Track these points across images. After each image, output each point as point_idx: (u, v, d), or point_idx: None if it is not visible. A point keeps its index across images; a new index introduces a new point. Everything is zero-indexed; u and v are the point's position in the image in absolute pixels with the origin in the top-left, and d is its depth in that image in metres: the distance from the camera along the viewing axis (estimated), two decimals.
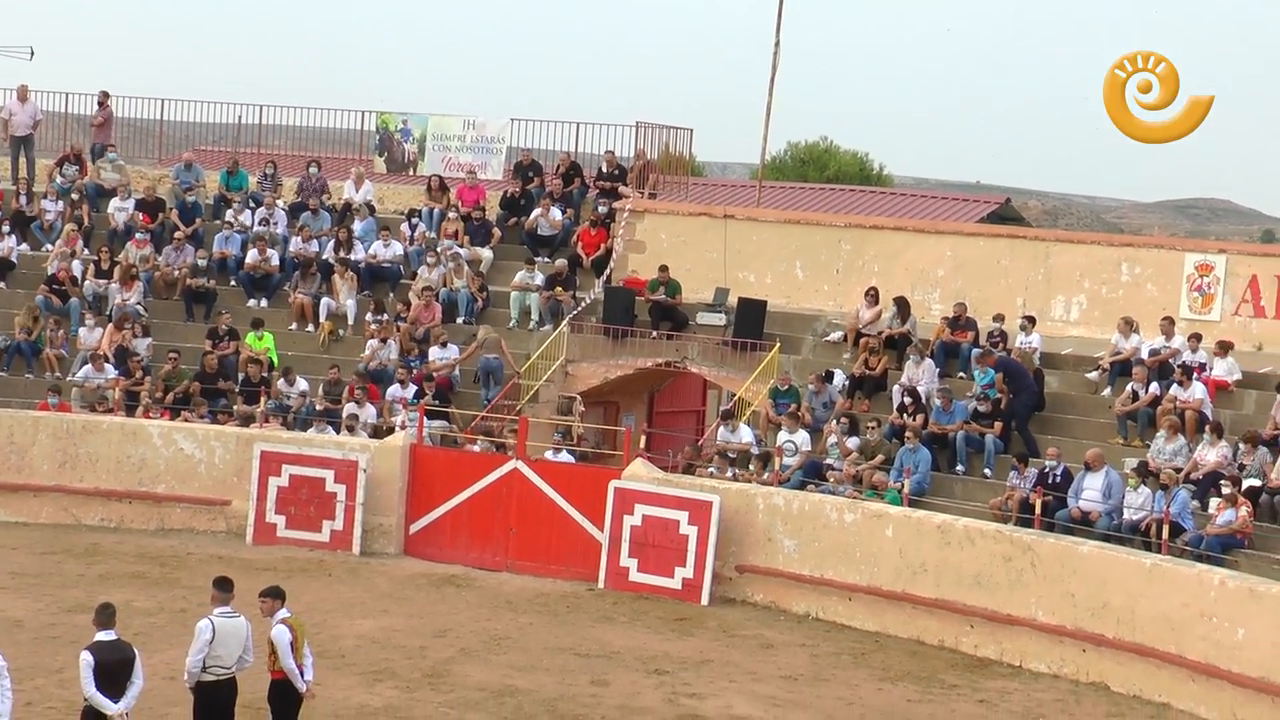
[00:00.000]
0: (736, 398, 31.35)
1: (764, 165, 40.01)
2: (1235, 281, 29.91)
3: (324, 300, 33.89)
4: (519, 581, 27.71)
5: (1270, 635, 21.34)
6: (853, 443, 27.97)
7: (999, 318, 29.90)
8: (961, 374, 29.62)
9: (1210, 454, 25.60)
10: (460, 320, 33.61)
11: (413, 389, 31.00)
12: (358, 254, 34.82)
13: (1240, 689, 21.65)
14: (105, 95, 38.97)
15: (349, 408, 30.53)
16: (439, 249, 34.57)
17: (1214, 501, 24.81)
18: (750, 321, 32.02)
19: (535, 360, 32.35)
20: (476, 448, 29.60)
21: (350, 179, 37.13)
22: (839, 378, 30.08)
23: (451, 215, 35.71)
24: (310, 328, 33.85)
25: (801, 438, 28.28)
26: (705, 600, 26.73)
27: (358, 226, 35.54)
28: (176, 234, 35.32)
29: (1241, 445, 25.67)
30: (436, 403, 30.94)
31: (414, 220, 35.92)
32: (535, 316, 33.56)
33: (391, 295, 34.20)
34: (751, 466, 28.31)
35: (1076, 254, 31.82)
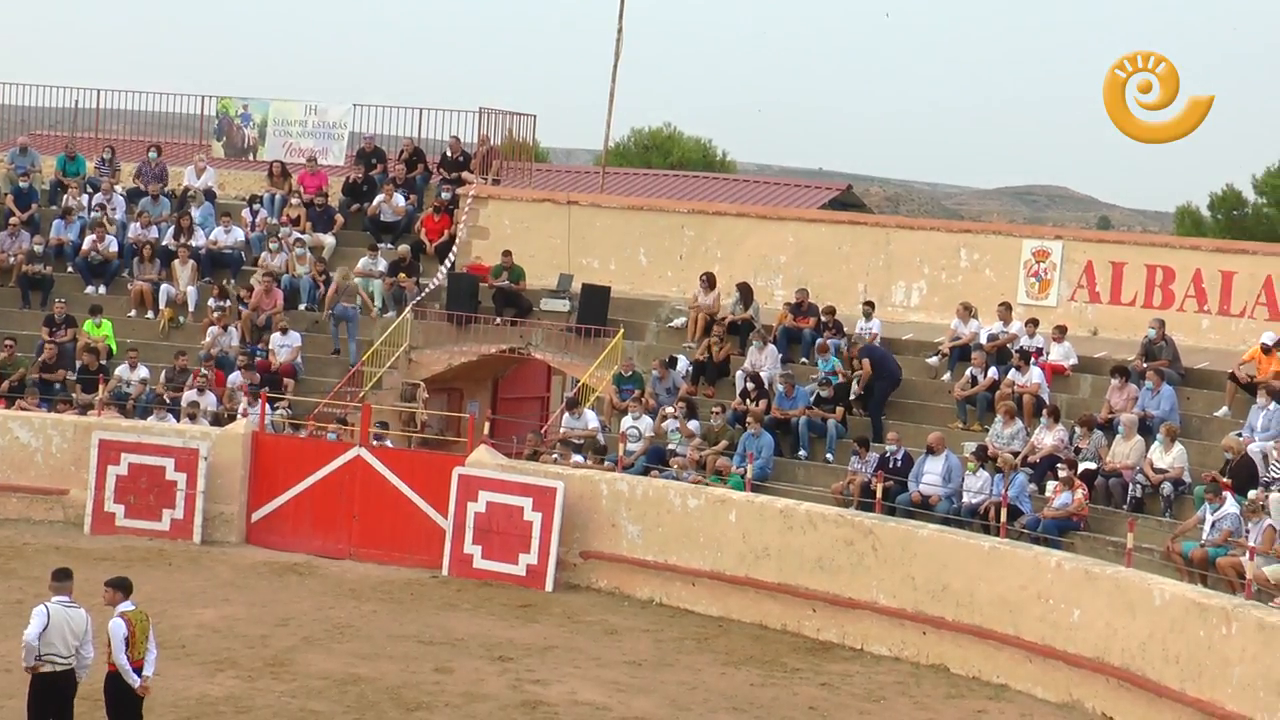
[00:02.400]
0: (580, 384, 31.39)
1: (607, 151, 40.00)
2: (1071, 267, 30.37)
3: (164, 287, 33.51)
4: (362, 569, 27.56)
5: (1105, 616, 21.69)
6: (693, 426, 28.10)
7: (830, 310, 30.08)
8: (804, 359, 29.84)
9: (1047, 438, 25.98)
10: (303, 307, 33.39)
11: (255, 376, 30.73)
12: (198, 240, 34.44)
13: (1076, 669, 21.99)
14: None
15: (189, 395, 30.21)
16: (281, 235, 34.28)
17: (1051, 485, 25.18)
18: (594, 308, 32.06)
19: (378, 347, 32.17)
20: (332, 436, 29.38)
21: (191, 165, 36.72)
22: (682, 363, 30.20)
23: (293, 201, 35.44)
24: (150, 314, 33.45)
25: (645, 424, 28.36)
26: (549, 587, 26.72)
27: (197, 212, 35.16)
28: (11, 220, 34.77)
29: (1077, 429, 26.07)
30: (274, 389, 30.71)
31: (255, 206, 35.61)
32: (378, 303, 33.38)
33: (233, 281, 33.87)
34: (601, 452, 28.34)
35: (916, 240, 32.16)
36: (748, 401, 28.50)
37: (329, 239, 34.95)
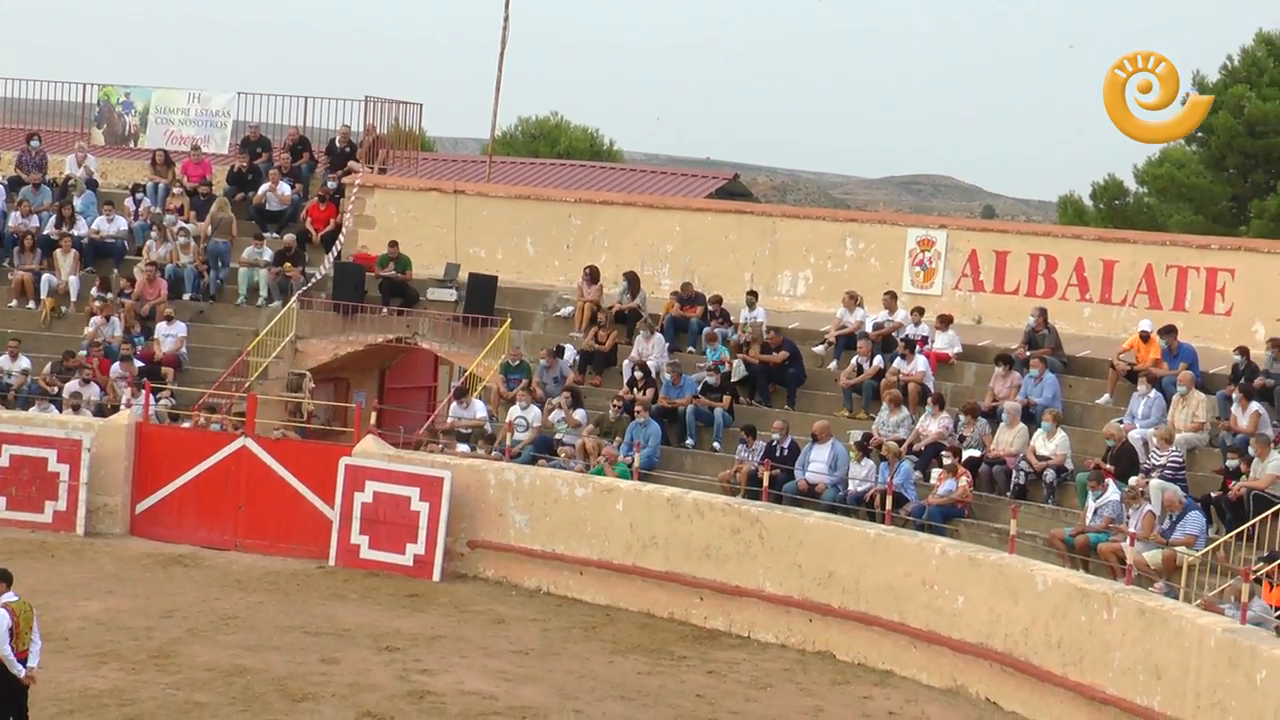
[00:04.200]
0: (468, 373, 31.32)
1: (494, 140, 39.91)
2: (956, 256, 30.61)
3: (45, 276, 33.13)
4: (248, 560, 27.39)
5: (988, 602, 21.91)
6: (579, 415, 28.11)
7: (717, 299, 30.20)
8: (691, 348, 29.91)
9: (932, 425, 26.19)
10: (186, 296, 33.12)
11: (138, 366, 30.45)
12: (80, 229, 34.08)
13: (960, 655, 22.20)
14: None
15: (71, 385, 29.90)
16: (164, 224, 33.98)
17: (935, 472, 25.39)
18: (481, 297, 31.98)
19: (264, 337, 31.96)
20: (216, 426, 29.17)
21: (72, 154, 36.32)
22: (570, 353, 30.20)
23: (177, 190, 35.12)
24: (31, 305, 33.07)
25: (533, 413, 28.33)
26: (437, 576, 26.66)
27: (79, 201, 34.79)
28: None
29: (962, 417, 26.28)
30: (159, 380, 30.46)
31: (138, 195, 35.28)
32: (264, 292, 33.16)
33: (116, 271, 33.55)
34: (490, 439, 28.31)
35: (802, 229, 32.30)
36: (635, 390, 28.54)
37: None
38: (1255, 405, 24.26)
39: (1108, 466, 23.75)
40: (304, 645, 22.50)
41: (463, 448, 28.37)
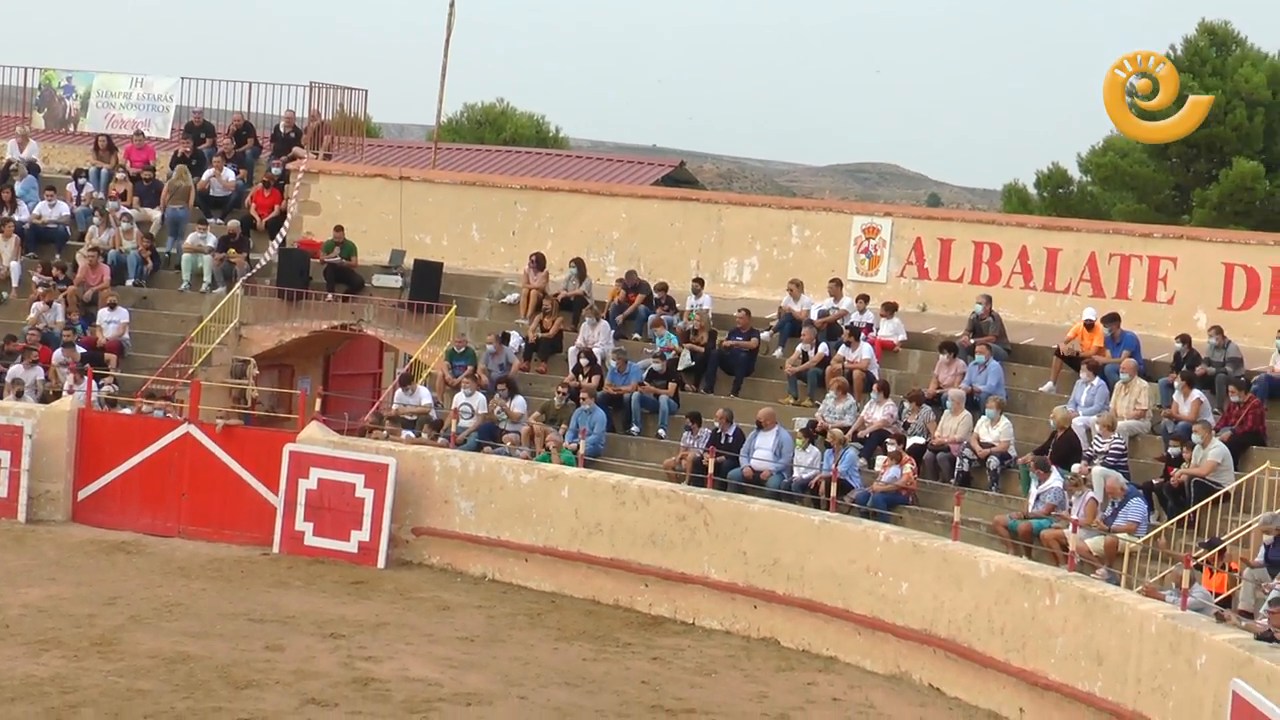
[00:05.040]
0: (413, 360, 31.26)
1: (439, 127, 39.85)
2: (900, 244, 30.70)
3: None
4: (191, 547, 27.28)
5: (932, 588, 21.99)
6: (518, 405, 28.09)
7: (663, 286, 30.21)
8: (636, 335, 29.92)
9: (876, 413, 26.27)
10: (130, 283, 32.96)
11: (80, 352, 30.28)
12: (21, 214, 33.87)
13: (904, 641, 22.28)
14: None
15: (13, 371, 29.71)
16: (107, 210, 33.80)
17: (880, 459, 25.46)
18: (426, 283, 31.92)
19: (208, 323, 31.83)
20: (159, 413, 29.03)
21: (13, 138, 36.08)
22: (515, 339, 30.17)
23: (119, 176, 34.95)
24: None
25: (478, 400, 28.30)
26: (382, 563, 26.61)
27: (20, 186, 34.57)
28: None
29: (906, 404, 26.37)
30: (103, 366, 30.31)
31: (81, 180, 35.10)
32: (208, 278, 33.02)
33: (58, 257, 33.36)
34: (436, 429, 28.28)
35: (748, 216, 32.35)
36: (580, 377, 28.53)
37: (156, 214, 34.49)
38: (1197, 393, 24.44)
39: (1036, 459, 23.87)
40: (248, 632, 22.42)
41: (407, 434, 28.32)
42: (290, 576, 25.79)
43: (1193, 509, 22.49)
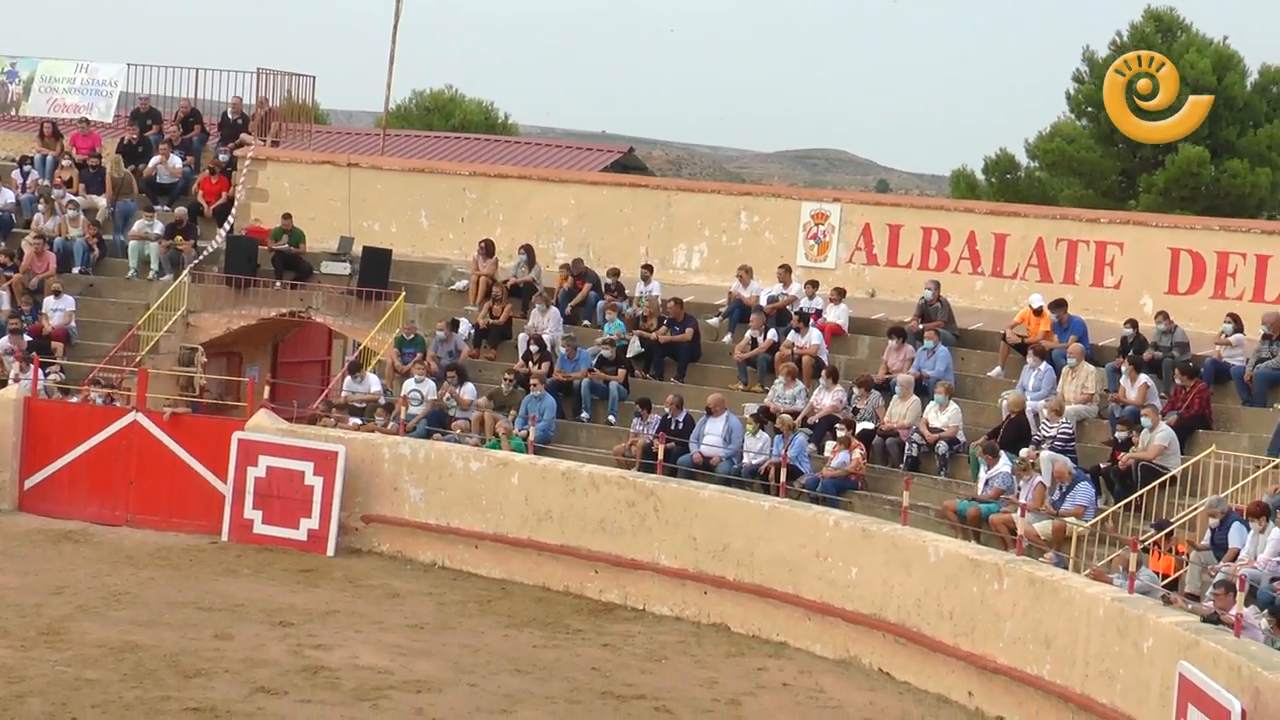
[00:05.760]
0: (362, 347, 31.18)
1: (388, 113, 39.75)
2: (849, 230, 30.75)
3: None
4: (139, 536, 27.15)
5: (881, 573, 22.04)
6: (468, 392, 28.05)
7: (614, 272, 30.22)
8: (586, 322, 29.91)
9: (825, 398, 26.32)
10: (76, 270, 32.78)
11: (26, 340, 30.10)
12: None
13: (853, 626, 22.33)
14: None
15: None
16: (53, 197, 33.61)
17: (829, 445, 25.52)
18: (375, 270, 31.86)
19: (155, 311, 31.68)
20: (100, 401, 28.89)
21: None
22: (465, 326, 30.13)
23: (65, 163, 34.75)
24: None
25: (428, 387, 28.25)
26: (331, 551, 26.55)
27: None
28: None
29: (855, 389, 26.43)
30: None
31: (26, 168, 34.89)
32: (155, 266, 32.87)
33: (3, 244, 33.17)
34: (379, 417, 28.21)
35: (697, 203, 32.38)
36: (530, 364, 28.51)
37: (102, 201, 34.31)
38: (1144, 377, 24.57)
39: (985, 444, 23.96)
40: (196, 621, 22.34)
41: (355, 422, 28.25)
42: (239, 565, 25.70)
43: (1139, 493, 22.64)
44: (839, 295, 28.79)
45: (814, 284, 29.13)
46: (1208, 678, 16.14)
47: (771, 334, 28.10)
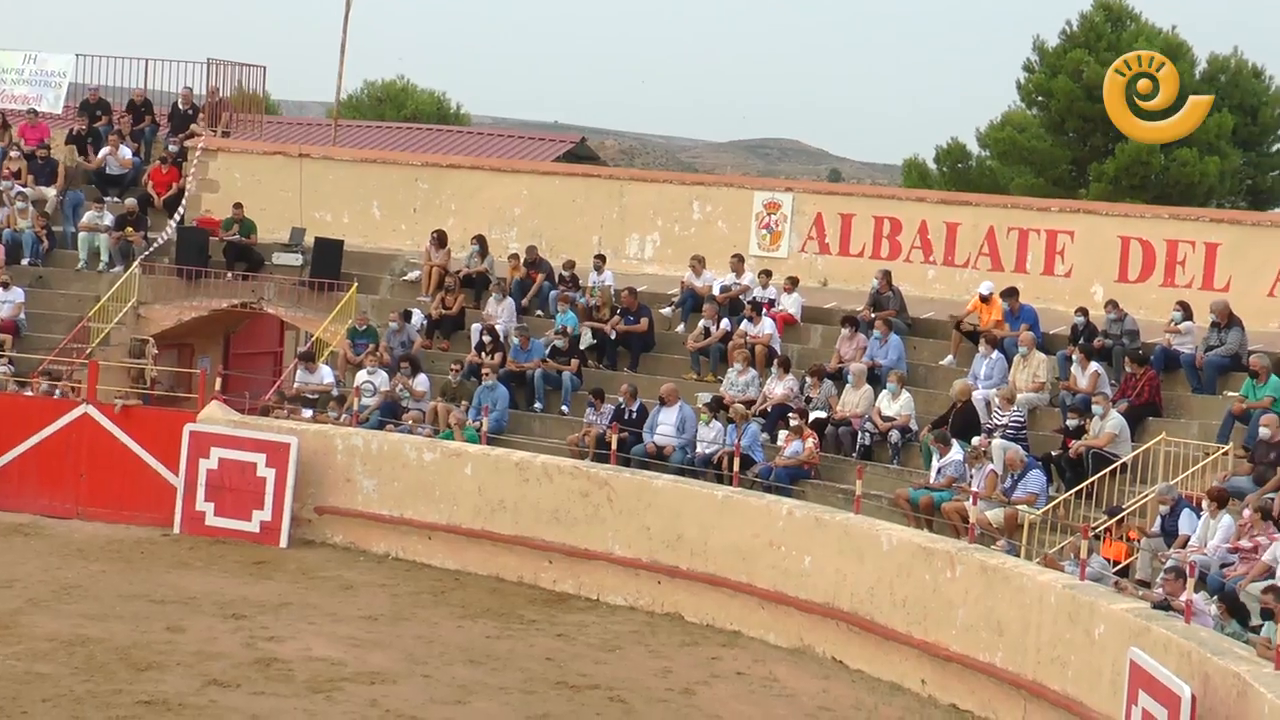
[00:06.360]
0: (314, 338, 31.10)
1: (339, 104, 39.63)
2: (801, 219, 30.79)
3: None
4: (90, 529, 27.03)
5: (834, 562, 22.09)
6: (421, 383, 28.02)
7: (569, 264, 30.21)
8: (539, 312, 29.90)
9: (777, 388, 26.35)
10: (25, 262, 32.58)
11: None
12: None
13: (807, 615, 22.38)
14: None
15: None
16: (1, 189, 33.41)
17: (782, 434, 25.56)
18: (327, 261, 31.76)
19: (106, 302, 31.53)
20: (57, 393, 28.75)
21: None
22: (417, 317, 30.07)
23: (13, 154, 34.53)
24: None
25: (380, 378, 28.20)
26: (284, 543, 26.48)
27: None
28: None
29: (808, 379, 26.47)
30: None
31: None
32: (105, 257, 32.70)
33: None
34: (331, 409, 28.15)
35: (650, 193, 32.37)
36: (483, 354, 28.48)
37: (52, 192, 34.13)
38: (1094, 365, 24.68)
39: (937, 433, 24.03)
40: (148, 614, 22.26)
41: (308, 413, 28.18)
42: (191, 557, 25.62)
43: (1091, 480, 22.76)
44: (792, 284, 28.83)
45: (767, 273, 29.16)
46: (1158, 664, 16.24)
47: (725, 323, 28.12)
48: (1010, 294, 26.74)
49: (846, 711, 20.20)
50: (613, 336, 28.62)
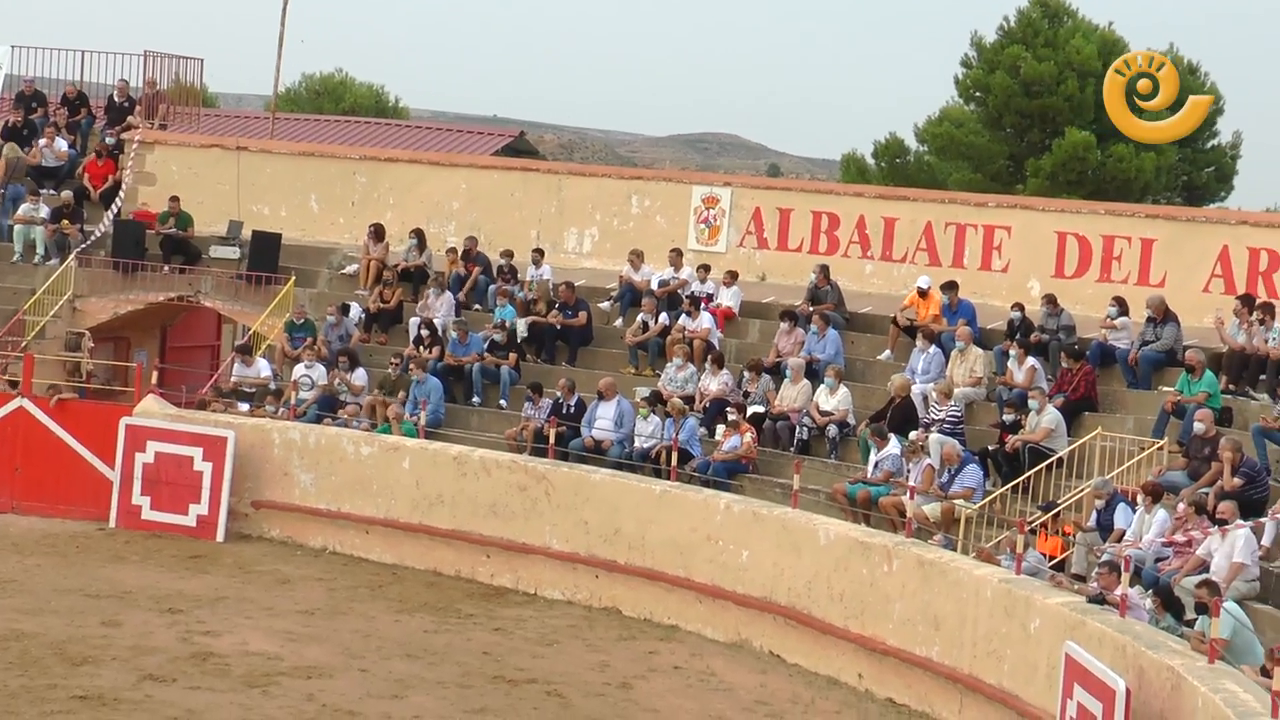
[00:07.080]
0: (252, 332, 30.98)
1: (278, 97, 39.49)
2: (740, 214, 30.83)
3: None
4: (25, 523, 26.85)
5: (772, 556, 22.15)
6: (359, 377, 27.96)
7: (507, 254, 30.20)
8: (478, 306, 29.86)
9: (712, 383, 26.37)
10: None
11: None
12: None
13: (744, 609, 22.43)
14: None
15: None
16: None
17: (720, 428, 25.59)
18: (265, 255, 31.66)
19: (41, 295, 31.33)
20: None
21: None
22: (355, 311, 30.00)
23: None
24: None
25: (318, 372, 28.12)
26: (221, 537, 26.38)
27: None
28: None
29: (746, 373, 26.50)
30: None
31: None
32: (41, 250, 32.49)
33: None
34: (269, 404, 28.05)
35: (588, 187, 32.38)
36: (421, 348, 28.43)
37: None
38: (1031, 360, 24.80)
39: (874, 427, 24.10)
40: (84, 608, 22.14)
41: (244, 407, 28.07)
42: (127, 551, 25.50)
43: (1027, 475, 22.85)
44: (730, 279, 28.87)
45: (705, 268, 29.19)
46: (1093, 658, 16.35)
47: (663, 318, 28.15)
48: (950, 287, 26.85)
49: (784, 705, 20.26)
50: (558, 327, 28.59)
